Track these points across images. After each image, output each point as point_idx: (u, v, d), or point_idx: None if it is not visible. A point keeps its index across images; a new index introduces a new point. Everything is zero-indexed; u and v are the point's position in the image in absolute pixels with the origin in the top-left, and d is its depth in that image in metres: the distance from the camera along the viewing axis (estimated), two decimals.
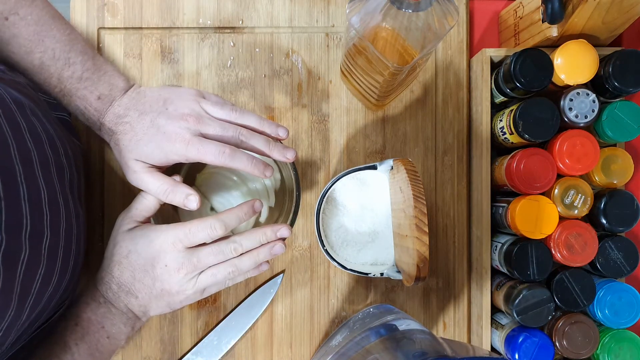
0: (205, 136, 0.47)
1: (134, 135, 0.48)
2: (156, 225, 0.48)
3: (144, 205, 0.49)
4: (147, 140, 0.47)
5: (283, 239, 0.50)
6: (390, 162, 0.53)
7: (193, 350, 0.59)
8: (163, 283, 0.47)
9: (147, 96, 0.50)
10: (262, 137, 0.49)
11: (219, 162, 0.46)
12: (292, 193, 0.53)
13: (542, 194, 0.54)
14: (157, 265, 0.46)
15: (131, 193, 0.60)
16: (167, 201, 0.48)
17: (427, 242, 0.44)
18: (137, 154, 0.48)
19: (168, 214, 0.56)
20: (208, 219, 0.47)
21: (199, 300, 0.57)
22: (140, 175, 0.48)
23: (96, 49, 0.61)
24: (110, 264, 0.48)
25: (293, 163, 0.52)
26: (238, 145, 0.48)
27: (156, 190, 0.48)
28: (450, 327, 0.62)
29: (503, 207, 0.56)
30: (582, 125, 0.52)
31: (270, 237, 0.49)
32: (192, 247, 0.47)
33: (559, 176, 0.54)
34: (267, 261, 0.50)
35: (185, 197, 0.47)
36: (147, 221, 0.50)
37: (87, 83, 0.49)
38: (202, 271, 0.47)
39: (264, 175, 0.48)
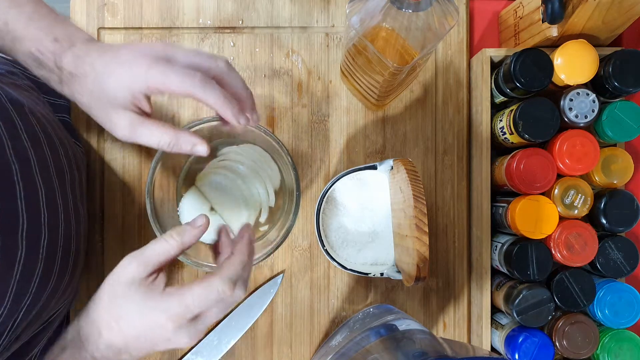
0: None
1: (95, 76, 0.42)
2: (156, 295, 0.39)
3: (163, 249, 0.40)
4: (107, 74, 0.41)
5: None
6: (390, 162, 0.53)
7: (193, 350, 0.59)
8: (163, 348, 0.40)
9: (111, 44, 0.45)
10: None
11: (186, 89, 0.40)
12: (292, 193, 0.53)
13: (542, 194, 0.54)
14: (157, 340, 0.39)
15: (131, 193, 0.60)
16: (174, 152, 0.43)
17: (427, 242, 0.44)
18: (104, 95, 0.42)
19: (169, 215, 0.56)
20: (212, 282, 0.39)
21: None
22: (134, 129, 0.42)
23: None
24: (99, 320, 0.40)
25: (293, 163, 0.52)
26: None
27: (158, 142, 0.42)
28: (450, 327, 0.62)
29: (503, 207, 0.56)
30: (582, 125, 0.52)
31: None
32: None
33: (559, 176, 0.54)
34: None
35: (192, 146, 0.43)
36: (158, 271, 0.41)
37: (40, 23, 0.43)
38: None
39: (238, 121, 0.42)
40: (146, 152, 0.60)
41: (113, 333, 0.39)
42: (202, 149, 0.42)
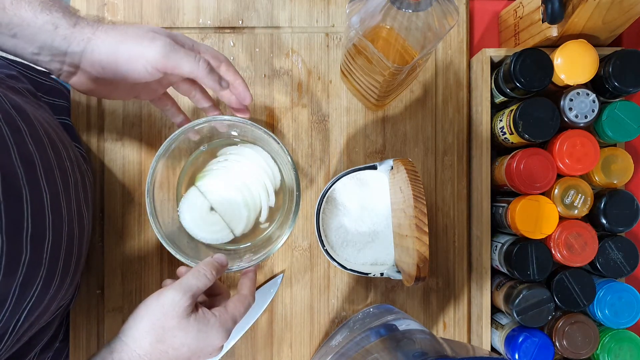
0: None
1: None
2: (211, 323, 0.45)
3: (204, 284, 0.45)
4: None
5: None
6: (390, 162, 0.53)
7: None
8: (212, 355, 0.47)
9: None
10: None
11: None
12: (292, 193, 0.53)
13: (542, 194, 0.54)
14: (211, 352, 0.46)
15: (131, 193, 0.60)
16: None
17: (427, 242, 0.44)
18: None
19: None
20: (246, 297, 0.48)
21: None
22: (167, 54, 0.43)
23: None
24: (152, 350, 0.43)
25: (293, 163, 0.52)
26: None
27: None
28: (450, 327, 0.62)
29: (503, 207, 0.56)
30: (582, 125, 0.52)
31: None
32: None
33: (559, 176, 0.54)
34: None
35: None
36: (196, 302, 0.46)
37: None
38: None
39: (241, 103, 0.50)
40: (146, 152, 0.61)
41: (167, 357, 0.44)
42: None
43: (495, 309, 0.59)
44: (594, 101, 0.52)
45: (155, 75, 0.44)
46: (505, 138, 0.56)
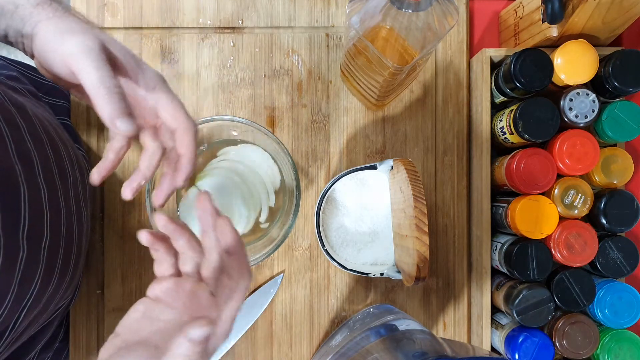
0: None
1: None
2: None
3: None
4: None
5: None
6: (390, 162, 0.53)
7: None
8: None
9: None
10: None
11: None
12: (292, 193, 0.53)
13: (542, 194, 0.54)
14: None
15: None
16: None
17: (427, 242, 0.44)
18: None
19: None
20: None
21: None
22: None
23: None
24: None
25: (293, 163, 0.52)
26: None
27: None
28: (450, 327, 0.62)
29: (503, 207, 0.56)
30: (582, 125, 0.52)
31: None
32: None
33: (559, 176, 0.54)
34: None
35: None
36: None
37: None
38: None
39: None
40: None
41: None
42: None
43: (495, 309, 0.59)
44: (594, 101, 0.52)
45: (74, 77, 0.36)
46: (505, 138, 0.56)
